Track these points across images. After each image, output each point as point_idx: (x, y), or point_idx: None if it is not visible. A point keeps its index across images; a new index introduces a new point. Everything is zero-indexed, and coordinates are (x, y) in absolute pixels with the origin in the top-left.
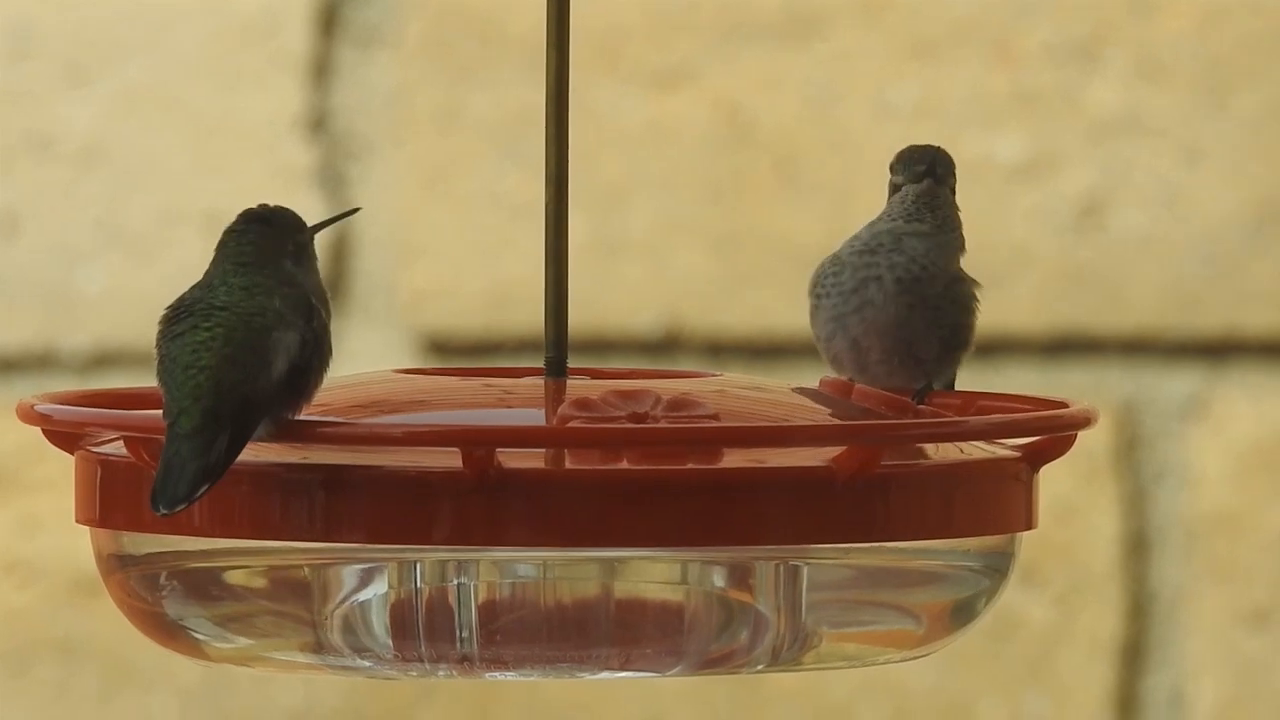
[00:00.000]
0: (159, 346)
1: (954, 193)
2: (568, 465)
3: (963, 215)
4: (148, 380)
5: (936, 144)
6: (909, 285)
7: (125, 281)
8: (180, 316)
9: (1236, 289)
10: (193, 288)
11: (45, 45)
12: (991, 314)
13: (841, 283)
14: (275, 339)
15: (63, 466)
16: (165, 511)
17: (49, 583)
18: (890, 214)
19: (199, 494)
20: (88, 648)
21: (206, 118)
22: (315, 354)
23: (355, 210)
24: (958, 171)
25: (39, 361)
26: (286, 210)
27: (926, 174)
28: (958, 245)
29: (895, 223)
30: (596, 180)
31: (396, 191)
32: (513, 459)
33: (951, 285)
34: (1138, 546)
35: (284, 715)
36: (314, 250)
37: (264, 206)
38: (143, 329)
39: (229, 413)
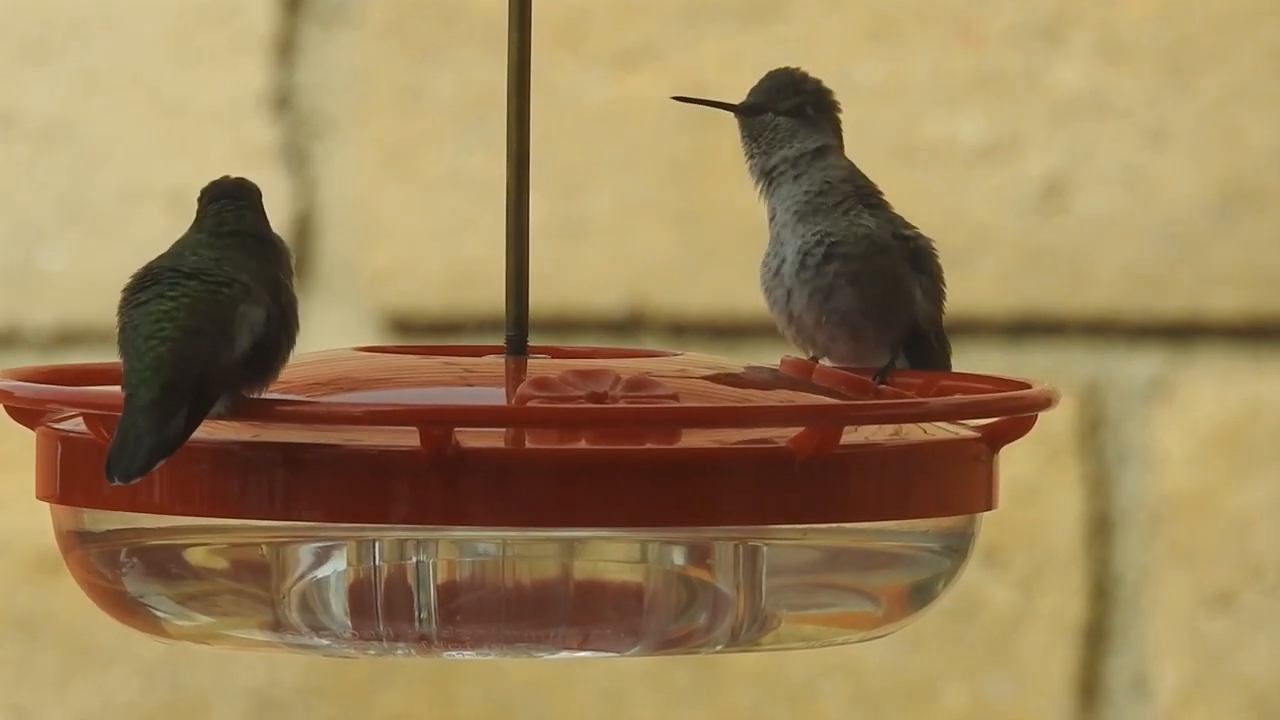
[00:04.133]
0: (121, 314)
1: (807, 112)
2: (526, 445)
3: (925, 193)
4: (111, 358)
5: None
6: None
7: (88, 260)
8: (145, 285)
9: (1200, 271)
10: (160, 256)
11: (6, 24)
12: (955, 295)
13: (766, 262)
14: (241, 313)
15: (24, 444)
16: (120, 482)
17: (9, 560)
18: None
19: (154, 466)
20: (48, 625)
21: (169, 96)
22: (282, 331)
23: None
24: (920, 152)
25: (2, 340)
26: (249, 181)
27: (733, 108)
28: (809, 151)
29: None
30: (559, 160)
31: (359, 171)
32: (471, 438)
33: (843, 220)
34: (1101, 528)
35: (245, 694)
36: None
37: (239, 179)
38: (106, 307)
39: (188, 386)
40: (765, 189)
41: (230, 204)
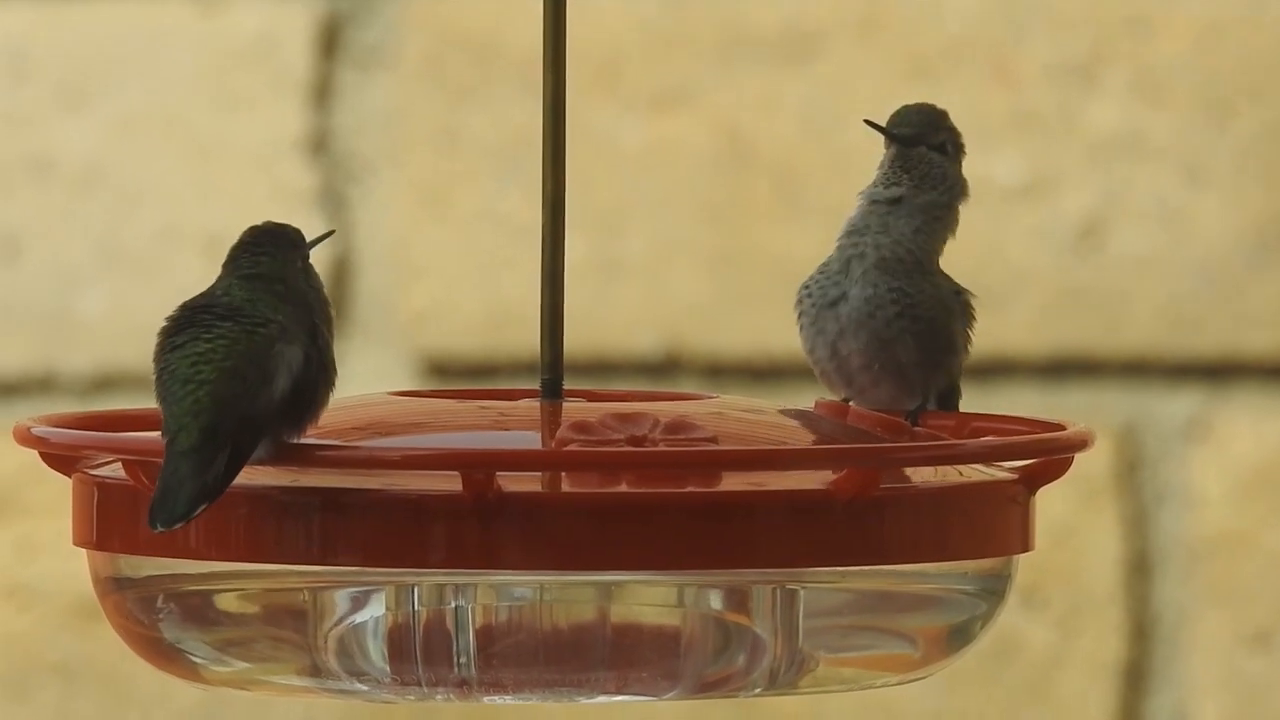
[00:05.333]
0: (157, 359)
1: (948, 149)
2: (566, 488)
3: (962, 233)
4: (148, 402)
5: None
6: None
7: (125, 303)
8: (181, 327)
9: (1236, 310)
10: (194, 298)
11: (43, 68)
12: (991, 335)
13: (814, 290)
14: (278, 353)
15: (61, 489)
16: (162, 529)
17: (48, 606)
18: (870, 184)
19: (197, 512)
20: (87, 671)
21: (206, 139)
22: (320, 374)
23: (330, 233)
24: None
25: (40, 385)
26: (291, 227)
27: (897, 138)
28: (942, 204)
29: (874, 189)
30: (595, 201)
31: (396, 212)
32: (510, 482)
33: (921, 278)
34: (1139, 568)
35: None
36: (314, 269)
37: (271, 223)
38: (143, 351)
39: (229, 429)
40: (876, 207)
41: (251, 251)
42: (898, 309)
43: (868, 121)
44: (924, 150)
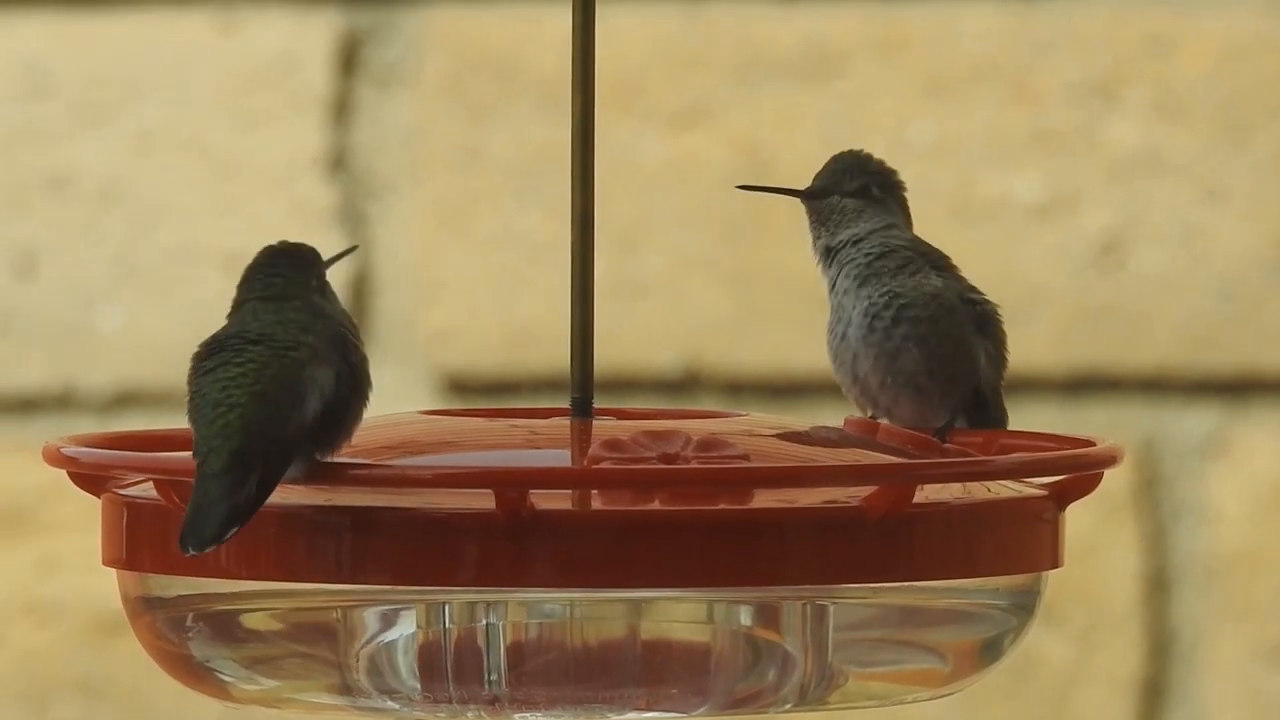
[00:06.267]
0: (190, 383)
1: (872, 192)
2: (599, 506)
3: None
4: (166, 419)
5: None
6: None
7: (143, 320)
8: (213, 352)
9: (1256, 327)
10: (225, 326)
11: (62, 85)
12: (1010, 352)
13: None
14: (309, 375)
15: (81, 507)
16: (194, 552)
17: (68, 623)
18: None
19: (228, 535)
20: (106, 688)
21: (225, 157)
22: (353, 392)
23: (353, 249)
24: (976, 209)
25: (57, 401)
26: (306, 245)
27: (799, 194)
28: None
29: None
30: (615, 219)
31: (415, 230)
32: (543, 500)
33: (908, 278)
34: (1157, 585)
35: None
36: (330, 287)
37: (284, 242)
38: (161, 368)
39: (259, 452)
40: (826, 264)
41: (265, 272)
42: (892, 312)
43: (743, 187)
44: (835, 200)
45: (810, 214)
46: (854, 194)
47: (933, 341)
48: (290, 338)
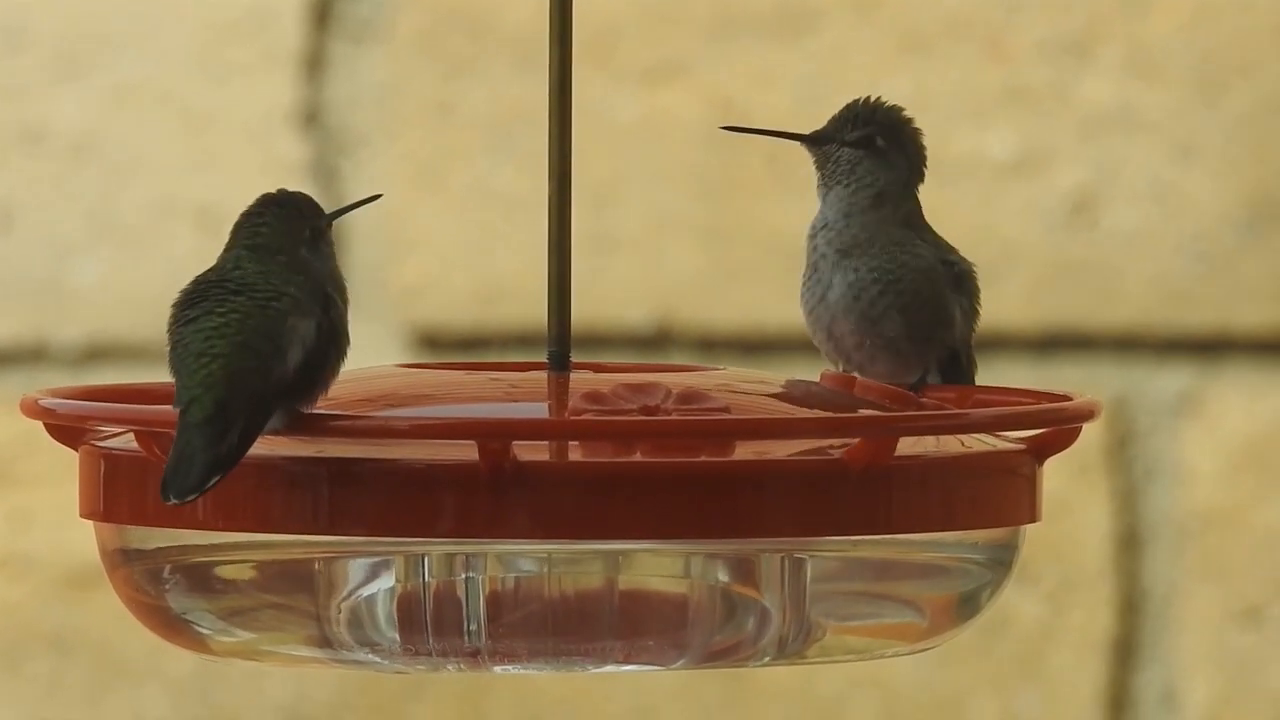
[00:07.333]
0: (171, 332)
1: (876, 143)
2: (580, 458)
3: (954, 208)
4: (140, 373)
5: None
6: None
7: (117, 275)
8: (194, 301)
9: (1228, 285)
10: (206, 272)
11: (37, 40)
12: (983, 310)
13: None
14: (291, 326)
15: (56, 460)
16: (176, 501)
17: (41, 577)
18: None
19: (210, 484)
20: (79, 642)
21: (199, 112)
22: (332, 344)
23: (377, 196)
24: (949, 167)
25: (31, 355)
26: (304, 195)
27: (800, 138)
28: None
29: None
30: (589, 175)
31: (389, 186)
32: (525, 452)
33: (898, 250)
34: (1129, 543)
35: (275, 710)
36: (331, 238)
37: (282, 191)
38: (135, 322)
39: (241, 402)
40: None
41: (253, 220)
42: (879, 288)
43: (737, 129)
44: (834, 147)
45: (813, 159)
46: (855, 143)
47: (913, 308)
48: (272, 289)
